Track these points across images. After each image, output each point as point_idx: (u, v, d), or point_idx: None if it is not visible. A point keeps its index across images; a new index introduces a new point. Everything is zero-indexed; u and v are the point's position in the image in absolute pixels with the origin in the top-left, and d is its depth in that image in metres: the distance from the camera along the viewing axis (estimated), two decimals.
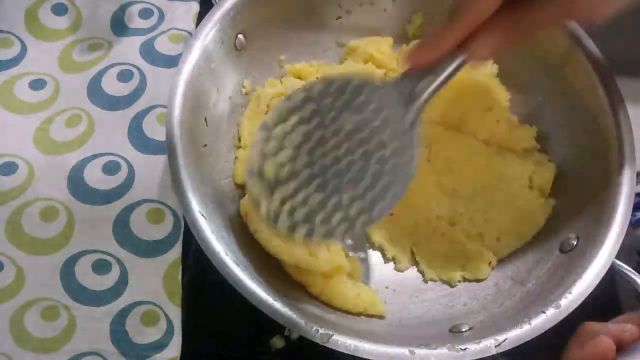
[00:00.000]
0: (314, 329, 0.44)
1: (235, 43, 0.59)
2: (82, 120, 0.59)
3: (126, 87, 0.61)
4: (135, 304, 0.53)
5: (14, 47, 0.63)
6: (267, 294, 0.45)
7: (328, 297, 0.52)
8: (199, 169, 0.52)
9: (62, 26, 0.65)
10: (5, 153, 0.57)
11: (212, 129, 0.57)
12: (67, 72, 0.63)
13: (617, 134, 0.53)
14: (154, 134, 0.59)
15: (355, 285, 0.53)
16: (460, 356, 0.44)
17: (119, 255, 0.54)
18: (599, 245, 0.49)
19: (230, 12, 0.56)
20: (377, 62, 0.62)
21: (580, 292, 0.47)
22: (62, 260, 0.53)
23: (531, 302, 0.50)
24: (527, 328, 0.45)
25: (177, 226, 0.55)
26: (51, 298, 0.52)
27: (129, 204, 0.56)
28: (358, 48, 0.62)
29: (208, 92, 0.56)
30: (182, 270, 0.54)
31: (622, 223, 0.49)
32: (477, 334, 0.48)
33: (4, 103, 0.59)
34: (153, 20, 0.66)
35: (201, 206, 0.49)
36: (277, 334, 0.55)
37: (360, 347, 0.44)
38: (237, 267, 0.46)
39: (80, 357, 0.51)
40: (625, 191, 0.51)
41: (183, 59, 0.54)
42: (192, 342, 0.53)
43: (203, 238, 0.47)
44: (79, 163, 0.57)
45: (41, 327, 0.51)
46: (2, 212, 0.54)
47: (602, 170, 0.54)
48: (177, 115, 0.51)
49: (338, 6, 0.64)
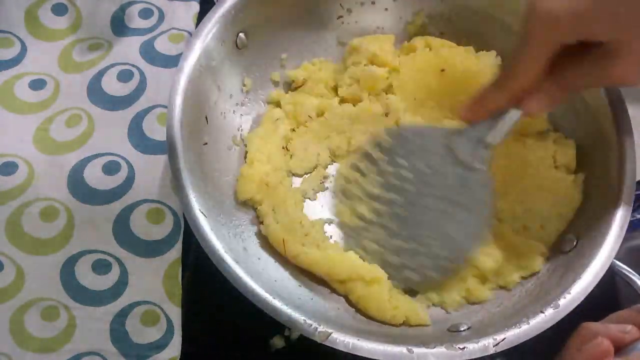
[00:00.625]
0: (313, 327, 0.44)
1: (236, 41, 0.59)
2: (82, 120, 0.59)
3: (126, 87, 0.61)
4: (135, 304, 0.53)
5: (14, 47, 0.63)
6: (265, 292, 0.45)
7: (365, 306, 0.52)
8: (199, 166, 0.52)
9: (62, 26, 0.65)
10: (5, 153, 0.57)
11: (213, 127, 0.57)
12: (67, 72, 0.63)
13: (617, 134, 0.53)
14: (154, 134, 0.59)
15: (395, 296, 0.53)
16: (458, 355, 0.44)
17: (119, 255, 0.54)
18: (598, 246, 0.49)
19: (232, 11, 0.56)
20: (380, 60, 0.62)
21: (579, 292, 0.47)
22: (62, 260, 0.53)
23: (530, 302, 0.50)
24: (525, 328, 0.45)
25: (177, 226, 0.56)
26: (51, 298, 0.52)
27: (129, 204, 0.56)
28: (360, 47, 0.62)
29: (209, 90, 0.56)
30: (182, 270, 0.55)
31: (621, 223, 0.49)
32: (475, 333, 0.48)
33: (4, 103, 0.60)
34: (153, 20, 0.66)
35: (201, 204, 0.49)
36: (277, 334, 0.55)
37: (359, 345, 0.44)
38: (237, 265, 0.47)
39: (80, 357, 0.51)
40: (625, 191, 0.51)
41: (184, 57, 0.54)
42: (192, 342, 0.53)
43: (202, 236, 0.47)
44: (79, 163, 0.57)
45: (41, 327, 0.51)
46: (2, 212, 0.54)
47: (602, 170, 0.54)
48: (178, 113, 0.52)
49: (339, 5, 0.64)
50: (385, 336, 0.46)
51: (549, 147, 0.58)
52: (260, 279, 0.47)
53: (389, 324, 0.51)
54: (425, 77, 0.60)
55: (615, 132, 0.53)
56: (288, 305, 0.45)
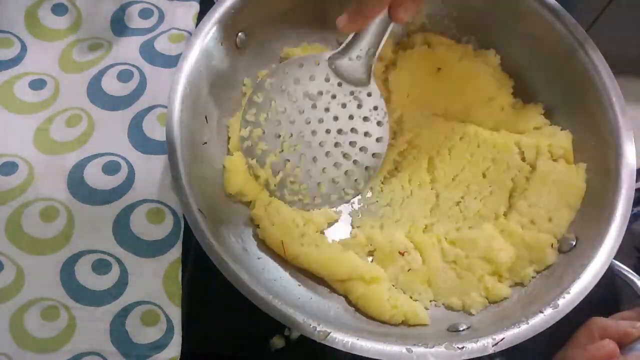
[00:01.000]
0: (312, 326, 0.45)
1: (236, 41, 0.59)
2: (82, 120, 0.59)
3: (126, 87, 0.61)
4: (135, 304, 0.53)
5: (14, 47, 0.63)
6: (265, 292, 0.45)
7: (364, 305, 0.52)
8: (198, 166, 0.53)
9: (62, 26, 0.65)
10: (5, 153, 0.57)
11: (212, 126, 0.57)
12: (67, 72, 0.63)
13: (617, 134, 0.53)
14: (154, 134, 0.59)
15: (394, 296, 0.53)
16: (457, 355, 0.44)
17: (119, 255, 0.54)
18: (597, 246, 0.49)
19: (231, 11, 0.57)
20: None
21: (578, 292, 0.47)
22: (62, 260, 0.53)
23: (529, 302, 0.50)
24: (524, 328, 0.45)
25: (177, 226, 0.55)
26: (51, 298, 0.52)
27: (129, 204, 0.56)
28: None
29: (209, 90, 0.56)
30: (182, 270, 0.54)
31: (621, 224, 0.50)
32: (474, 333, 0.48)
33: (4, 103, 0.59)
34: (153, 20, 0.66)
35: (201, 204, 0.49)
36: (277, 334, 0.55)
37: (358, 344, 0.44)
38: (236, 264, 0.47)
39: (80, 357, 0.51)
40: (624, 192, 0.51)
41: (184, 57, 0.54)
42: (192, 342, 0.53)
43: (202, 236, 0.48)
44: (79, 163, 0.57)
45: (41, 327, 0.51)
46: (2, 212, 0.54)
47: (601, 170, 0.54)
48: (177, 112, 0.52)
49: (339, 5, 0.64)
50: (384, 336, 0.46)
51: (544, 140, 0.58)
52: (260, 279, 0.47)
53: (389, 323, 0.52)
54: (421, 75, 0.61)
55: (615, 132, 0.53)
56: (288, 305, 0.45)
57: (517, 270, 0.54)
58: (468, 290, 0.54)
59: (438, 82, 0.61)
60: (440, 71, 0.60)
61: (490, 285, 0.53)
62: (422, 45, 0.63)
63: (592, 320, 0.43)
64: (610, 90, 0.54)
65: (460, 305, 0.54)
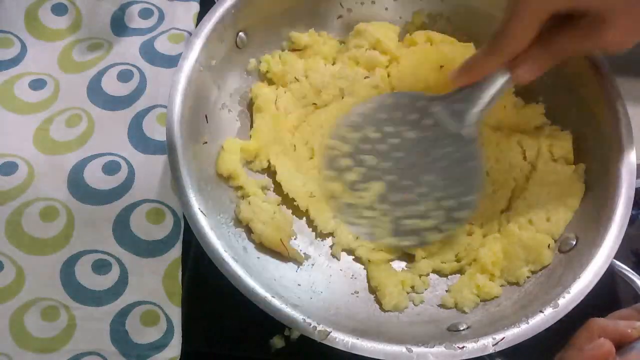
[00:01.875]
0: (312, 326, 0.45)
1: (236, 41, 0.59)
2: (82, 120, 0.59)
3: (126, 87, 0.61)
4: (135, 304, 0.53)
5: (14, 47, 0.63)
6: (265, 291, 0.45)
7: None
8: (199, 166, 0.52)
9: (62, 26, 0.65)
10: (5, 153, 0.57)
11: (213, 126, 0.57)
12: (67, 72, 0.63)
13: (616, 133, 0.53)
14: (154, 134, 0.59)
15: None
16: (457, 354, 0.44)
17: (119, 255, 0.54)
18: (597, 246, 0.49)
19: (231, 10, 0.56)
20: (382, 47, 0.61)
21: (578, 292, 0.47)
22: (62, 260, 0.53)
23: (529, 301, 0.50)
24: (524, 327, 0.45)
25: (177, 226, 0.56)
26: (51, 298, 0.52)
27: (129, 204, 0.56)
28: (365, 31, 0.62)
29: (209, 89, 0.56)
30: (182, 270, 0.55)
31: (621, 223, 0.49)
32: (474, 332, 0.48)
33: (4, 103, 0.60)
34: (153, 20, 0.66)
35: (200, 203, 0.49)
36: (277, 334, 0.55)
37: (358, 344, 0.44)
38: (236, 264, 0.47)
39: (80, 357, 0.51)
40: (624, 192, 0.51)
41: (184, 57, 0.54)
42: (192, 342, 0.53)
43: (202, 235, 0.48)
44: (79, 163, 0.57)
45: (41, 327, 0.51)
46: (2, 212, 0.54)
47: (601, 170, 0.54)
48: (178, 113, 0.52)
49: (339, 5, 0.64)
50: (384, 335, 0.46)
51: (543, 141, 0.58)
52: (260, 279, 0.47)
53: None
54: (424, 72, 0.60)
55: (614, 131, 0.53)
56: (287, 304, 0.45)
57: (512, 270, 0.54)
58: (460, 288, 0.54)
59: (441, 79, 0.61)
60: (442, 68, 0.60)
61: (481, 283, 0.53)
62: (425, 43, 0.63)
63: (591, 321, 0.43)
64: (611, 90, 0.54)
65: (453, 303, 0.54)
